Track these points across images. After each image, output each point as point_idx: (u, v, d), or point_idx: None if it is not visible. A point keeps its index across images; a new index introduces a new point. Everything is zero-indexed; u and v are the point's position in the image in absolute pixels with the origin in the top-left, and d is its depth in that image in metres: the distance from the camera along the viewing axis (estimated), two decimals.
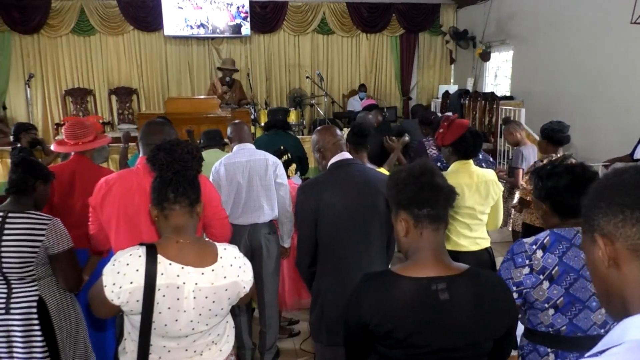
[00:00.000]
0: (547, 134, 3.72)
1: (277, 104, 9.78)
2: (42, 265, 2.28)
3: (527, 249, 1.72)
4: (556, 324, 1.70)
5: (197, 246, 1.65)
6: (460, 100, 7.98)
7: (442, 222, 1.43)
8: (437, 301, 1.36)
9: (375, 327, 1.39)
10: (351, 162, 2.46)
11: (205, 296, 1.60)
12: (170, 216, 1.61)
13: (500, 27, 8.56)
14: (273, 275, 3.29)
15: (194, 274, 1.59)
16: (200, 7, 9.13)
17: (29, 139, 4.70)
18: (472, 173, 2.77)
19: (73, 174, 2.86)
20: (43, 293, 2.31)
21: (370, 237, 2.31)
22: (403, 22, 10.02)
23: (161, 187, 1.61)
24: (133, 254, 1.57)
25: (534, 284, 1.69)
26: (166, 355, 1.64)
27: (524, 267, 1.70)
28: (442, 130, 2.85)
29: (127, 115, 9.30)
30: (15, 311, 2.25)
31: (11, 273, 2.22)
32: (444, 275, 1.39)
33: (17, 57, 8.87)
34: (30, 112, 8.28)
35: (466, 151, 2.79)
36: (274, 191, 3.17)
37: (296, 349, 3.66)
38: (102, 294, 1.55)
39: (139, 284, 1.53)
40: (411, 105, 8.99)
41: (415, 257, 1.44)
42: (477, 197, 2.73)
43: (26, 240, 2.20)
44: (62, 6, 8.80)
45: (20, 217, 2.24)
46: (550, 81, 7.20)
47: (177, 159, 1.62)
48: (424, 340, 1.37)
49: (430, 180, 1.40)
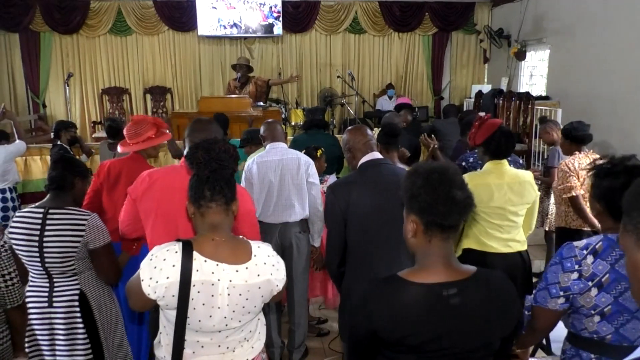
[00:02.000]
0: (569, 133, 3.71)
1: (308, 103, 9.81)
2: (82, 260, 2.34)
3: (577, 254, 1.65)
4: (601, 331, 1.64)
5: (232, 244, 1.67)
6: (493, 100, 7.83)
7: (452, 232, 1.40)
8: (448, 306, 1.34)
9: (386, 335, 1.36)
10: (381, 162, 2.45)
11: (239, 293, 1.61)
12: (206, 214, 1.64)
13: (536, 26, 8.36)
14: (303, 273, 3.30)
15: (228, 271, 1.61)
16: (233, 7, 9.24)
17: (68, 136, 4.84)
18: (504, 173, 2.71)
19: (120, 170, 2.93)
20: (84, 287, 2.36)
21: (400, 237, 2.25)
22: (436, 20, 9.91)
23: (198, 185, 1.64)
24: (170, 250, 1.60)
25: (582, 290, 1.63)
26: (200, 351, 1.66)
27: (573, 272, 1.64)
28: (474, 130, 2.82)
29: (161, 114, 9.48)
30: (59, 304, 2.32)
31: (53, 267, 2.29)
32: (454, 280, 1.37)
33: (57, 57, 9.17)
34: (69, 110, 8.53)
35: (497, 151, 2.74)
36: (305, 190, 3.18)
37: (324, 348, 3.66)
38: (139, 288, 1.59)
39: (175, 280, 1.56)
40: (443, 105, 8.87)
41: (423, 263, 1.41)
42: (508, 198, 2.67)
43: (68, 236, 2.26)
44: (100, 7, 9.05)
45: (61, 213, 2.30)
46: (589, 81, 6.99)
47: (214, 158, 1.65)
48: (437, 346, 1.35)
49: (447, 192, 1.34)
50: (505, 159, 2.77)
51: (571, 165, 3.55)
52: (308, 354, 3.53)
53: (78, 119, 9.27)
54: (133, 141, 2.96)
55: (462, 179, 1.41)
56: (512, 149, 2.84)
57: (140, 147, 2.95)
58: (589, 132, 3.70)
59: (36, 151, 5.57)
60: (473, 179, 2.64)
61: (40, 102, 9.12)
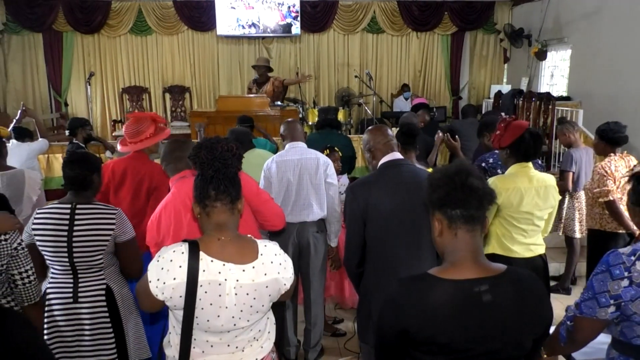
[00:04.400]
0: (605, 134, 3.62)
1: (325, 103, 9.80)
2: (109, 254, 2.37)
3: (625, 260, 1.60)
4: None
5: (238, 243, 1.67)
6: (513, 100, 7.72)
7: (477, 224, 1.39)
8: (480, 303, 1.34)
9: (417, 333, 1.36)
10: (401, 162, 2.44)
11: (246, 293, 1.61)
12: (211, 213, 1.64)
13: (558, 25, 8.23)
14: (320, 273, 3.31)
15: (235, 270, 1.61)
16: (252, 7, 9.28)
17: (84, 134, 4.82)
18: (532, 177, 2.66)
19: (126, 169, 2.97)
20: (109, 281, 2.39)
21: (419, 237, 2.28)
22: (456, 20, 9.82)
23: (202, 185, 1.64)
24: (176, 251, 1.61)
25: (634, 297, 1.58)
26: (209, 350, 1.67)
27: (623, 280, 1.59)
28: (499, 132, 2.75)
29: (180, 112, 9.58)
30: (84, 300, 2.33)
31: (81, 262, 2.30)
32: (485, 276, 1.37)
33: (78, 56, 9.31)
34: (90, 109, 8.64)
35: (526, 153, 2.68)
36: (323, 190, 3.18)
37: (340, 347, 3.66)
38: (147, 289, 1.60)
39: (182, 280, 1.57)
40: (461, 106, 8.79)
41: (452, 259, 1.41)
42: (536, 202, 2.62)
43: (98, 230, 2.29)
44: (121, 7, 9.16)
45: (89, 208, 2.32)
46: (611, 81, 6.86)
47: (217, 157, 1.65)
48: (468, 344, 1.34)
49: (464, 180, 1.36)
50: (531, 162, 2.72)
51: (607, 169, 3.49)
52: (324, 354, 3.53)
53: (99, 117, 9.40)
54: (133, 140, 2.99)
55: (480, 173, 1.42)
56: (540, 151, 2.79)
57: (141, 147, 2.99)
58: (624, 133, 3.61)
59: (58, 149, 5.65)
60: (504, 183, 2.61)
61: (62, 101, 9.28)
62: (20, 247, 2.00)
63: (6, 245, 1.95)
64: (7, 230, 1.96)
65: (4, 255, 1.95)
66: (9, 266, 1.97)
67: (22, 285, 2.01)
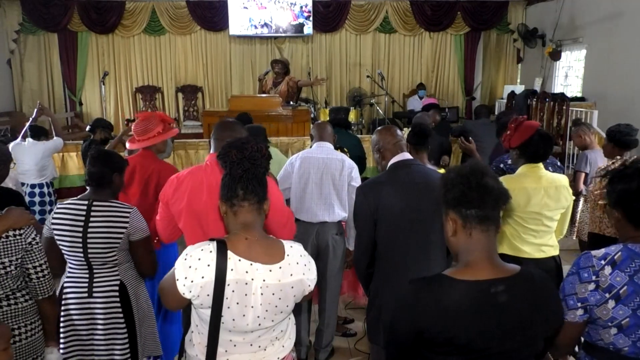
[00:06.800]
0: (614, 136, 3.57)
1: (337, 102, 9.80)
2: (123, 251, 2.41)
3: (594, 264, 1.58)
4: (617, 344, 1.59)
5: (264, 243, 1.67)
6: (526, 101, 7.65)
7: (492, 224, 1.39)
8: (496, 304, 1.34)
9: (434, 335, 1.35)
10: (411, 162, 2.43)
11: (272, 293, 1.61)
12: (239, 212, 1.64)
13: (572, 25, 8.14)
14: (337, 275, 3.31)
15: (262, 270, 1.61)
16: (264, 7, 9.31)
17: (102, 136, 4.90)
18: (541, 177, 2.64)
19: (134, 167, 2.99)
20: (123, 278, 2.43)
21: (430, 238, 2.27)
22: (469, 20, 9.76)
23: (231, 184, 1.64)
24: (204, 249, 1.60)
25: (599, 302, 1.57)
26: (232, 349, 1.67)
27: (590, 283, 1.58)
28: (509, 132, 2.73)
29: (192, 112, 9.64)
30: (98, 294, 2.37)
31: (95, 258, 2.35)
32: (501, 277, 1.37)
33: (93, 56, 9.43)
34: (104, 108, 8.72)
35: (534, 154, 2.66)
36: (346, 192, 3.18)
37: (350, 348, 3.66)
38: (174, 287, 1.59)
39: (210, 279, 1.56)
40: (474, 106, 8.74)
41: (467, 260, 1.40)
42: (545, 202, 2.60)
43: (112, 227, 2.33)
44: (135, 7, 9.25)
45: (105, 205, 2.37)
46: (627, 82, 6.77)
47: (247, 157, 1.65)
48: (485, 344, 1.34)
49: (479, 180, 1.36)
50: (541, 163, 2.70)
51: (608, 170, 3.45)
52: (334, 354, 3.53)
53: (112, 116, 9.48)
54: (141, 138, 3.01)
55: (494, 174, 1.41)
56: (550, 153, 2.77)
57: (148, 144, 3.00)
58: (635, 137, 3.54)
59: (73, 148, 5.71)
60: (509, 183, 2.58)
61: (76, 100, 9.39)
62: (35, 242, 2.03)
63: (21, 240, 1.99)
64: (22, 225, 2.00)
65: (19, 250, 1.98)
66: (23, 260, 2.01)
67: (37, 279, 2.04)
